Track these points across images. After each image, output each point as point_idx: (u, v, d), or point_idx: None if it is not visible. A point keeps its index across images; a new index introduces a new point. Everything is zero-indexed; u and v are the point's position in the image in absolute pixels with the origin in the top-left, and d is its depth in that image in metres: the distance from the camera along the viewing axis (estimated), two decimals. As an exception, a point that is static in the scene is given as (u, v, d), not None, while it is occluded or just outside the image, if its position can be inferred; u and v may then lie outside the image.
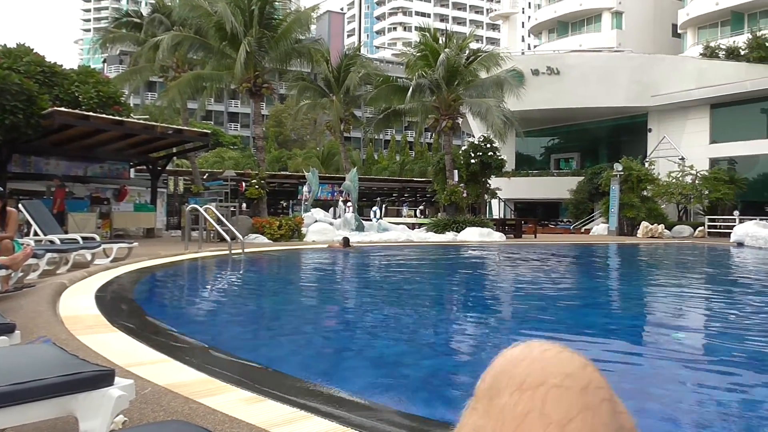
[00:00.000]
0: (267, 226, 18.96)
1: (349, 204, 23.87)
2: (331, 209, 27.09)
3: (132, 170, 21.80)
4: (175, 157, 27.17)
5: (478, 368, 2.76)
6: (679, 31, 48.51)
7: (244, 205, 24.81)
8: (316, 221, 21.89)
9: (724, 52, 37.47)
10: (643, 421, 3.19)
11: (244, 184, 23.71)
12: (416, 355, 4.80)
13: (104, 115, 16.78)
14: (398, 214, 35.97)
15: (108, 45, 27.01)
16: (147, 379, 3.17)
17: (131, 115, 22.08)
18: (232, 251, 13.20)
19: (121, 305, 6.20)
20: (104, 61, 64.79)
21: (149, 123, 18.28)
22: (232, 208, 20.39)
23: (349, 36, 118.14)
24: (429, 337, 5.51)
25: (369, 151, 64.86)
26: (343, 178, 26.06)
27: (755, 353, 5.02)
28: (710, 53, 38.05)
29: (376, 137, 61.30)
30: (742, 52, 36.45)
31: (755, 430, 3.12)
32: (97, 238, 10.59)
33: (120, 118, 17.25)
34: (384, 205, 33.62)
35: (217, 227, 14.45)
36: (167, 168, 24.00)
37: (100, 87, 19.18)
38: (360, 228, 22.18)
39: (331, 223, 22.19)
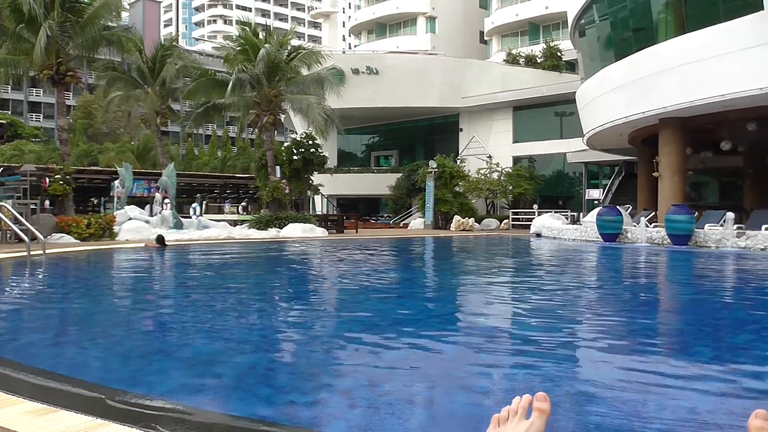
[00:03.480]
0: (74, 225, 17.62)
1: (167, 201, 22.85)
2: (148, 206, 25.71)
3: None
4: (-39, 150, 24.24)
5: (294, 363, 2.82)
6: (485, 38, 52.27)
7: (47, 202, 22.82)
8: (130, 219, 20.71)
9: (523, 59, 40.98)
10: (451, 403, 3.44)
11: (47, 179, 21.80)
12: (231, 352, 4.75)
13: None
14: (220, 211, 34.99)
15: None
16: None
17: None
18: (31, 252, 12.08)
19: None
20: None
21: (-74, 111, 16.09)
22: (32, 206, 18.63)
23: (166, 26, 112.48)
24: (245, 335, 5.46)
25: (189, 146, 62.35)
26: (160, 174, 24.88)
27: (545, 330, 5.58)
28: (512, 60, 41.44)
29: (195, 132, 59.12)
30: (539, 60, 40.12)
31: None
32: None
33: None
34: (205, 202, 32.51)
35: (13, 227, 13.16)
36: (-48, 162, 21.37)
37: None
38: (178, 225, 21.34)
39: (147, 221, 21.10)
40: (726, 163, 26.55)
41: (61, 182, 20.44)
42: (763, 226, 16.46)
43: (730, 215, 17.11)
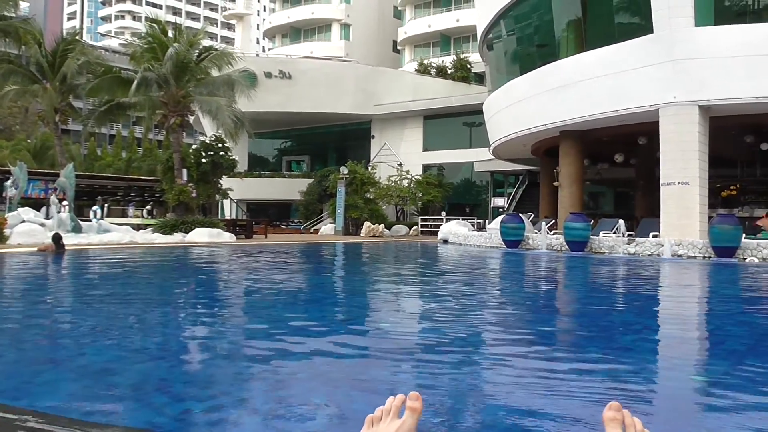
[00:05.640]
0: (-41, 229, 16.52)
1: (64, 203, 21.81)
2: (44, 208, 24.41)
3: None
4: None
5: (192, 371, 2.78)
6: (398, 48, 53.04)
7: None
8: (23, 221, 19.63)
9: (434, 70, 41.87)
10: (352, 407, 3.49)
11: (-70, 179, 20.34)
12: (126, 361, 4.62)
13: None
14: (123, 215, 33.76)
15: None
16: None
17: None
18: None
19: None
20: None
21: None
22: None
23: (69, 19, 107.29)
24: (142, 343, 5.32)
25: (91, 146, 59.65)
26: (58, 174, 23.72)
27: (443, 333, 5.75)
28: (423, 70, 42.25)
29: (98, 131, 56.64)
30: (449, 71, 41.10)
31: (457, 405, 3.57)
32: None
33: None
34: (107, 205, 31.21)
35: None
36: None
37: None
38: (76, 229, 20.41)
39: (42, 224, 20.05)
40: (620, 175, 28.15)
41: (-54, 182, 19.16)
42: (651, 234, 17.59)
43: (622, 223, 18.17)
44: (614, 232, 18.43)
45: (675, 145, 17.58)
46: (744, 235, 16.26)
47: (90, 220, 23.01)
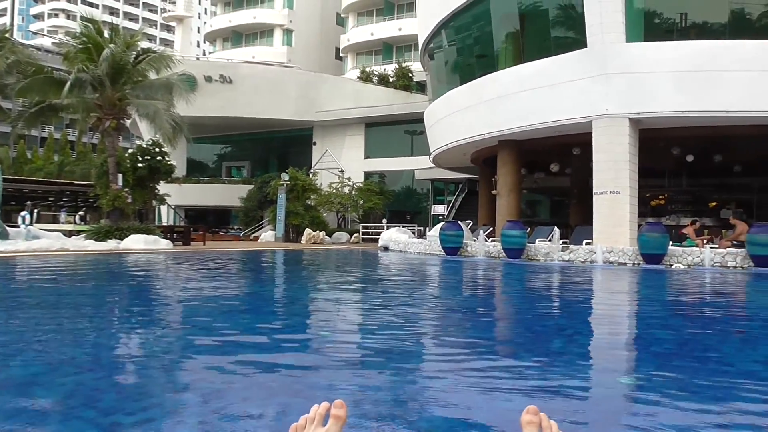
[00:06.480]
0: None
1: (-9, 208, 20.94)
2: (-33, 214, 23.33)
3: None
4: None
5: (122, 382, 2.73)
6: (341, 55, 53.10)
7: None
8: (-56, 228, 18.72)
9: (376, 78, 42.12)
10: (290, 414, 3.48)
11: None
12: (53, 374, 4.47)
13: None
14: (55, 220, 32.52)
15: None
16: None
17: None
18: None
19: None
20: None
21: None
22: None
23: (0, 16, 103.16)
24: (69, 355, 5.16)
25: (20, 148, 57.34)
26: (-15, 179, 22.72)
27: (381, 340, 5.79)
28: (366, 77, 42.45)
29: (28, 133, 54.51)
30: (391, 79, 41.43)
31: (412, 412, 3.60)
32: None
33: None
34: (36, 210, 30.04)
35: None
36: None
37: None
38: (3, 235, 19.59)
39: (-35, 231, 19.16)
40: (556, 183, 28.91)
41: None
42: (584, 241, 18.14)
43: (557, 231, 18.66)
44: (549, 240, 18.90)
45: (607, 156, 18.20)
46: (671, 242, 16.97)
47: (18, 226, 22.13)
